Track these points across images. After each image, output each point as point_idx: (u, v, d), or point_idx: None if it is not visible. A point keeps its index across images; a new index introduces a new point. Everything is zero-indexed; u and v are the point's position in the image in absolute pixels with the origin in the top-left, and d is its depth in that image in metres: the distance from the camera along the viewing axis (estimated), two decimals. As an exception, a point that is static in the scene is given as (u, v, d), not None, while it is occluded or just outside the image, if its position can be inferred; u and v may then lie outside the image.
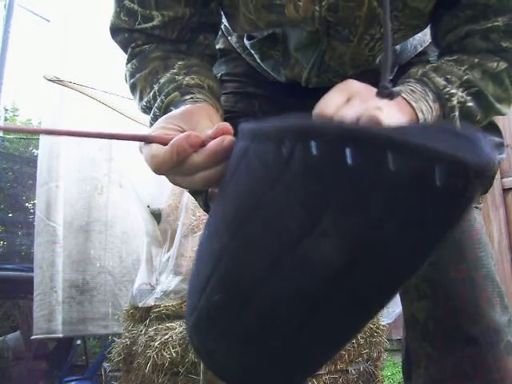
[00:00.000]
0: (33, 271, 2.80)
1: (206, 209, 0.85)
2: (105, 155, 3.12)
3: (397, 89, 0.60)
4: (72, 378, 2.89)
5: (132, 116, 3.01)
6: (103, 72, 2.96)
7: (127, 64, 0.73)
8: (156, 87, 0.67)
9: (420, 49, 0.81)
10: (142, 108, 0.72)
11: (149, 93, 0.68)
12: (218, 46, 0.88)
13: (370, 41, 0.69)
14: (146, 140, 0.51)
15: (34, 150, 4.94)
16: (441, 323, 0.69)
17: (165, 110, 0.65)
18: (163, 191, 2.60)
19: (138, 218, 2.86)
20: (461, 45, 0.65)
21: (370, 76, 0.79)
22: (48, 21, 3.38)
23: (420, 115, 0.57)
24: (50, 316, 2.62)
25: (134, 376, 2.05)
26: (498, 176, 2.47)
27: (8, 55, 3.51)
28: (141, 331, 2.08)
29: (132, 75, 0.72)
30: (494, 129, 0.78)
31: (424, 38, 0.81)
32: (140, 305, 2.17)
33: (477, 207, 0.77)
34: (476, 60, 0.63)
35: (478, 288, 0.70)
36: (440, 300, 0.71)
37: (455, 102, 0.61)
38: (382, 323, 2.20)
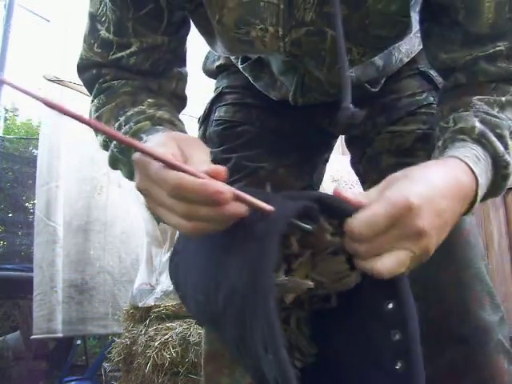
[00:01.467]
0: (33, 271, 2.80)
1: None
2: (104, 155, 3.11)
3: (459, 153, 0.54)
4: (72, 378, 2.89)
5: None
6: (103, 72, 2.96)
7: (93, 100, 0.72)
8: (122, 119, 0.66)
9: (407, 60, 0.82)
10: (103, 141, 0.70)
11: (113, 124, 0.67)
12: (219, 62, 0.92)
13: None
14: (173, 167, 0.43)
15: (34, 150, 4.94)
16: (433, 324, 0.69)
17: (132, 136, 0.62)
18: (163, 191, 2.60)
19: (137, 217, 2.85)
20: (469, 76, 0.63)
21: (354, 91, 0.81)
22: (48, 21, 3.37)
23: (480, 193, 0.53)
24: (50, 315, 2.62)
25: (134, 376, 2.05)
26: (497, 176, 2.46)
27: (8, 55, 3.51)
28: (141, 331, 2.09)
29: (97, 109, 0.70)
30: None
31: (412, 48, 0.82)
32: (140, 305, 2.17)
33: None
34: (503, 98, 0.60)
35: (466, 288, 0.71)
36: (431, 302, 0.71)
37: (510, 170, 0.57)
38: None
